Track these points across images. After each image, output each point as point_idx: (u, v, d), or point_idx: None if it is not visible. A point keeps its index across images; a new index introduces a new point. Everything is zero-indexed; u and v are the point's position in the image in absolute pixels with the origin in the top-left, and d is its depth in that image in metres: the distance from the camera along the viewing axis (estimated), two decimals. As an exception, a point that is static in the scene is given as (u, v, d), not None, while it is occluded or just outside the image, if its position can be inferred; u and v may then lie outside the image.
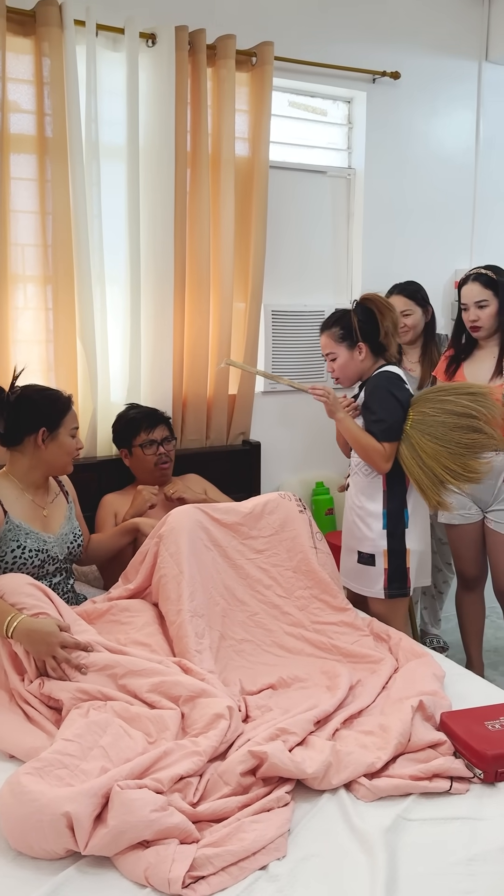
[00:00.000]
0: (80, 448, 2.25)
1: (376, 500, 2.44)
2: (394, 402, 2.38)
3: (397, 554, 2.44)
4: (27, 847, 1.34)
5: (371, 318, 2.43)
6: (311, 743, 1.64)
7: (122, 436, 2.68)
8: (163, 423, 2.68)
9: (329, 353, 2.49)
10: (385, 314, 2.43)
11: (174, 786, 1.47)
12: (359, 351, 2.44)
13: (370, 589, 2.48)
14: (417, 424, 2.38)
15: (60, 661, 1.75)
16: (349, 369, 2.47)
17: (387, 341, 2.45)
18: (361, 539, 2.47)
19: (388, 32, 3.28)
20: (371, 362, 2.48)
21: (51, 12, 2.47)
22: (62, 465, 2.22)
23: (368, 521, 2.45)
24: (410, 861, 1.35)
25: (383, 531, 2.43)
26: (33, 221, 2.62)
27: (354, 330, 2.42)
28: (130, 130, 2.67)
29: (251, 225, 2.98)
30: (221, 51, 2.80)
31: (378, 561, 2.45)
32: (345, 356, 2.46)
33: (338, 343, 2.46)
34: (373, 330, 2.43)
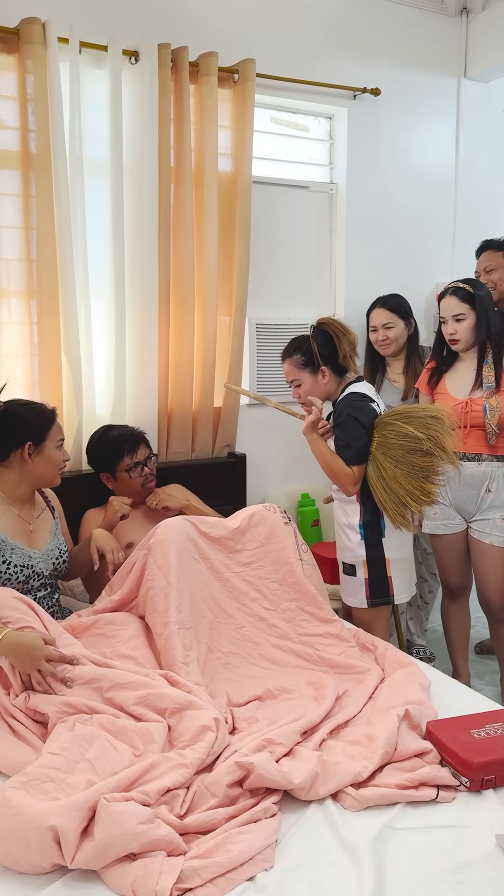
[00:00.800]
0: (66, 460, 2.25)
1: (353, 512, 2.49)
2: (358, 427, 2.41)
3: (376, 563, 2.48)
4: (13, 861, 1.33)
5: (329, 341, 2.48)
6: (297, 753, 1.64)
7: (104, 460, 2.63)
8: (142, 442, 2.67)
9: (293, 379, 2.54)
10: (342, 337, 2.48)
11: (161, 798, 1.46)
12: (322, 375, 2.49)
13: (354, 598, 2.52)
14: (380, 447, 2.42)
15: (46, 674, 1.74)
16: (315, 393, 2.52)
17: (346, 363, 2.51)
18: (344, 550, 2.54)
19: (369, 50, 3.33)
20: (336, 383, 2.53)
21: (34, 30, 2.49)
22: (50, 478, 2.22)
23: (348, 533, 2.51)
24: (397, 869, 1.36)
25: (361, 542, 2.48)
26: (18, 236, 2.63)
27: (315, 355, 2.47)
28: (114, 146, 2.69)
29: (235, 239, 3.00)
30: (204, 68, 2.83)
31: (359, 571, 2.49)
32: (309, 381, 2.51)
33: (301, 370, 2.50)
34: (332, 353, 2.48)
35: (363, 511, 2.47)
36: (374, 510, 2.47)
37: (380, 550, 2.48)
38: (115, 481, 2.64)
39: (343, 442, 2.44)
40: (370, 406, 2.46)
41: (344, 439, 2.43)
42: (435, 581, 3.33)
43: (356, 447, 2.41)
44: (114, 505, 2.46)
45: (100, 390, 2.86)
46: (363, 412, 2.43)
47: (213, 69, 2.83)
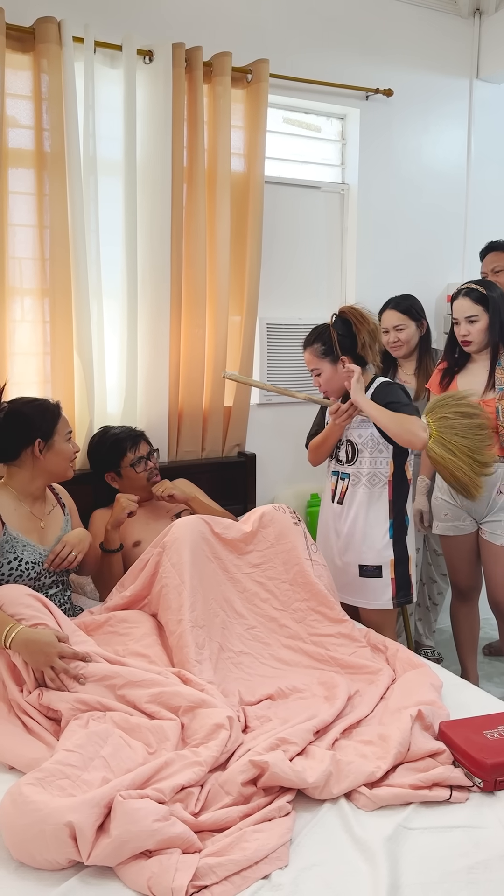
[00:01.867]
0: (76, 451, 2.25)
1: (382, 510, 2.46)
2: (405, 395, 2.44)
3: (402, 561, 2.49)
4: (29, 857, 1.34)
5: (349, 330, 2.45)
6: (310, 753, 1.64)
7: (108, 459, 2.62)
8: (142, 438, 2.66)
9: (314, 368, 2.52)
10: (360, 326, 2.44)
11: (176, 796, 1.47)
12: (342, 364, 2.46)
13: (376, 601, 2.48)
14: (443, 428, 2.42)
15: (59, 671, 1.75)
16: (334, 383, 2.49)
17: (364, 352, 2.46)
18: (366, 552, 2.47)
19: (382, 50, 3.33)
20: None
21: (50, 29, 2.50)
22: (62, 471, 2.22)
23: (373, 533, 2.46)
24: (411, 869, 1.36)
25: (389, 540, 2.46)
26: (31, 235, 2.64)
27: (334, 344, 2.45)
28: (128, 146, 2.70)
29: (247, 239, 3.01)
30: (217, 68, 2.84)
31: (385, 571, 2.47)
32: (329, 371, 2.48)
33: (321, 359, 2.48)
34: (352, 342, 2.46)
35: (393, 507, 2.46)
36: (403, 505, 2.48)
37: (405, 548, 2.50)
38: (121, 479, 2.63)
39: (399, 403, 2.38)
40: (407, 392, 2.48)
41: (403, 400, 2.40)
42: (444, 582, 3.33)
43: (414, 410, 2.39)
44: (121, 502, 2.45)
45: (111, 389, 2.87)
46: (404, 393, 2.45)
47: (227, 69, 2.83)
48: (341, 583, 2.51)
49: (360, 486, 2.49)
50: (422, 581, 3.38)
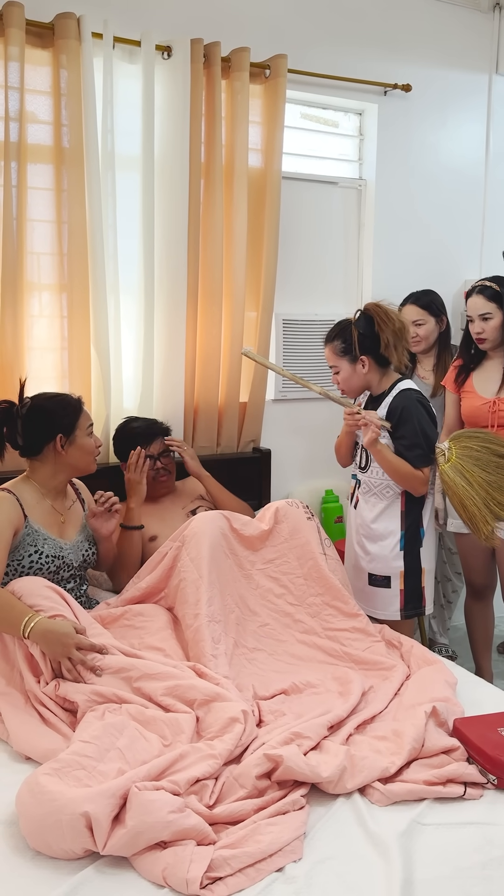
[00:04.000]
0: (99, 445, 2.26)
1: (393, 520, 2.43)
2: (427, 425, 2.37)
3: (413, 573, 2.44)
4: (46, 846, 1.35)
5: (372, 329, 2.37)
6: (325, 747, 1.65)
7: (122, 451, 2.67)
8: (161, 435, 2.67)
9: (332, 365, 2.46)
10: (384, 326, 2.34)
11: (190, 788, 1.48)
12: (361, 364, 2.40)
13: (384, 611, 2.46)
14: (464, 457, 2.38)
15: (76, 662, 1.77)
16: (352, 382, 2.44)
17: (388, 353, 2.36)
18: (373, 560, 2.45)
19: (400, 46, 3.32)
20: (378, 375, 2.44)
21: (69, 25, 2.51)
22: (85, 465, 2.23)
23: (382, 543, 2.43)
24: (425, 865, 1.36)
25: (400, 552, 2.43)
26: (50, 230, 2.66)
27: (354, 344, 2.37)
28: (146, 141, 2.70)
29: (263, 235, 3.01)
30: (236, 63, 2.84)
31: (394, 582, 2.44)
32: (347, 370, 2.42)
33: (339, 357, 2.42)
34: (374, 342, 2.37)
35: (405, 518, 2.42)
36: (417, 516, 2.43)
37: (418, 561, 2.44)
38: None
39: (409, 441, 2.34)
40: (429, 404, 2.43)
41: (412, 439, 2.34)
42: (459, 580, 3.33)
43: (425, 447, 2.34)
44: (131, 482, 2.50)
45: (127, 384, 2.88)
46: (429, 411, 2.40)
47: (245, 64, 2.83)
48: (355, 587, 2.48)
49: (371, 494, 2.45)
50: (436, 579, 3.37)
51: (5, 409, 2.15)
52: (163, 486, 2.67)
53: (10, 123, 2.47)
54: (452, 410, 2.88)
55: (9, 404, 2.16)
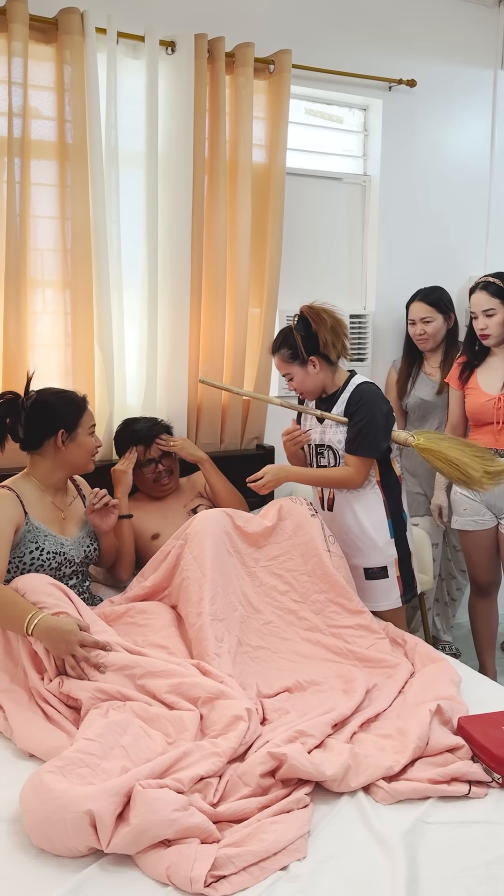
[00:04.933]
0: (98, 446, 2.27)
1: (377, 510, 2.44)
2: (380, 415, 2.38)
3: (405, 558, 2.48)
4: (49, 844, 1.35)
5: (311, 330, 2.38)
6: (329, 746, 1.65)
7: (122, 451, 2.67)
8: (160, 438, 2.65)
9: (285, 373, 2.47)
10: (318, 325, 2.36)
11: (194, 786, 1.48)
12: (312, 365, 2.41)
13: (385, 601, 2.46)
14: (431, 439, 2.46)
15: (79, 659, 1.76)
16: (308, 385, 2.45)
17: (327, 351, 2.38)
18: (367, 554, 2.45)
19: (405, 40, 3.30)
20: (330, 373, 2.45)
21: (73, 20, 2.50)
22: (83, 464, 2.24)
23: (374, 534, 2.43)
24: (430, 864, 1.36)
25: (391, 539, 2.44)
26: (53, 226, 2.65)
27: (299, 347, 2.39)
28: (149, 137, 2.69)
29: (267, 231, 3.00)
30: (240, 58, 2.82)
31: (391, 571, 2.45)
32: (300, 374, 2.43)
33: (290, 363, 2.43)
34: (316, 343, 2.38)
35: (388, 506, 2.44)
36: (398, 502, 2.46)
37: (406, 544, 2.48)
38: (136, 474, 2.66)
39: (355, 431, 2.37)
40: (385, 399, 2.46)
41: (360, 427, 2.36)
42: (463, 578, 3.32)
43: (371, 437, 2.36)
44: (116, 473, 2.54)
45: (131, 380, 2.88)
46: (384, 402, 2.43)
47: (250, 60, 2.82)
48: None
49: (347, 491, 2.44)
50: (440, 577, 3.36)
51: (10, 400, 2.15)
52: (165, 488, 2.66)
53: (13, 119, 2.46)
54: (457, 407, 2.87)
55: (14, 396, 2.16)
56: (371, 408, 2.37)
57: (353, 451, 2.38)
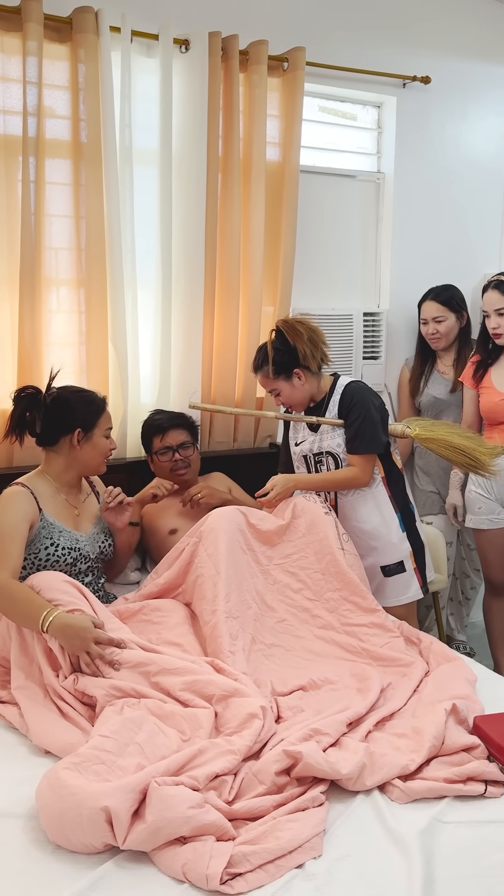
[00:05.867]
0: (113, 448, 2.27)
1: (385, 507, 2.44)
2: (374, 412, 2.39)
3: (419, 550, 2.50)
4: (66, 841, 1.35)
5: (289, 344, 2.38)
6: (344, 744, 1.64)
7: (143, 442, 2.71)
8: (181, 428, 2.66)
9: (271, 390, 2.47)
10: (294, 339, 2.36)
11: (209, 784, 1.47)
12: (297, 377, 2.41)
13: (405, 595, 2.47)
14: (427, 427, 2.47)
15: (94, 656, 1.77)
16: (296, 397, 2.45)
17: (307, 362, 2.38)
18: (383, 552, 2.44)
19: (419, 37, 3.29)
20: (315, 381, 2.45)
21: (87, 19, 2.50)
22: (96, 466, 2.25)
23: (385, 532, 2.43)
24: (447, 863, 1.35)
25: (403, 534, 2.45)
26: (67, 225, 2.66)
27: (280, 363, 2.39)
28: (163, 135, 2.69)
29: (281, 229, 3.00)
30: (254, 56, 2.82)
31: (407, 564, 2.47)
32: (287, 388, 2.43)
33: (274, 380, 2.43)
34: (293, 357, 2.38)
35: (395, 502, 2.44)
36: (404, 495, 2.47)
37: (418, 536, 2.50)
38: (153, 463, 2.69)
39: (354, 430, 2.37)
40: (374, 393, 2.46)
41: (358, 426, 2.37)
42: (478, 577, 3.30)
43: (369, 435, 2.36)
44: (154, 483, 2.51)
45: (145, 379, 2.88)
46: (376, 396, 2.43)
47: (263, 58, 2.82)
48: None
49: (353, 493, 2.44)
50: (455, 576, 3.35)
51: (32, 394, 2.17)
52: (181, 479, 2.66)
53: (28, 118, 2.47)
54: (471, 406, 2.86)
55: (35, 390, 2.18)
56: (364, 405, 2.39)
57: (355, 451, 2.39)
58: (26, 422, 2.17)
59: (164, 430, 2.63)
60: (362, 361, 3.40)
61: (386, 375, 3.47)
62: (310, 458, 2.51)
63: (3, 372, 2.64)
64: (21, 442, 2.19)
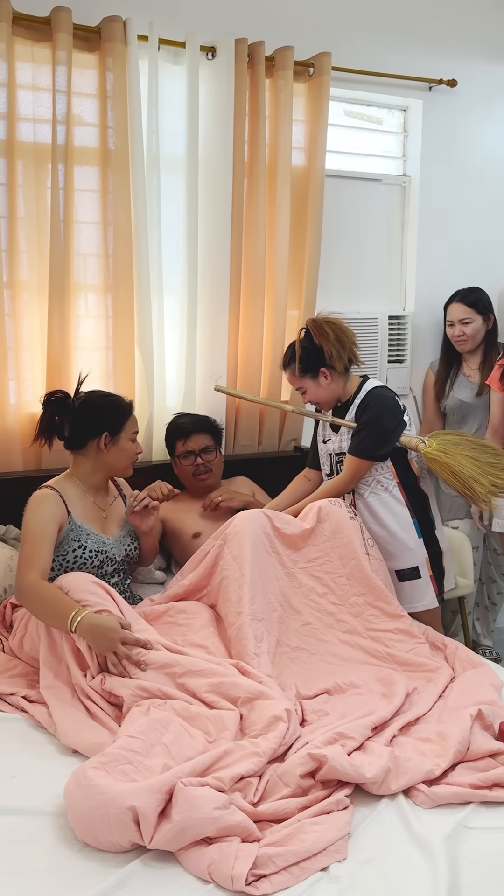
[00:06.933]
0: (139, 452, 2.30)
1: (401, 513, 2.42)
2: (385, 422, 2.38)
3: (436, 557, 2.46)
4: (93, 839, 1.37)
5: (315, 344, 2.39)
6: (368, 748, 1.64)
7: (167, 445, 2.74)
8: (203, 432, 2.68)
9: (298, 387, 2.49)
10: (321, 338, 2.37)
11: (235, 785, 1.48)
12: (324, 377, 2.41)
13: (421, 602, 2.45)
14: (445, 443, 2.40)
15: (121, 657, 1.79)
16: (321, 396, 2.46)
17: (333, 362, 2.39)
18: (398, 556, 2.43)
19: (445, 40, 3.28)
20: (342, 382, 2.45)
21: (115, 28, 2.54)
22: (122, 469, 2.27)
23: (401, 536, 2.41)
24: (472, 869, 1.34)
25: (419, 539, 2.43)
26: (95, 232, 2.69)
27: (307, 361, 2.40)
28: (190, 142, 2.72)
29: (306, 233, 3.00)
30: (279, 62, 2.84)
31: (423, 571, 2.44)
32: (312, 386, 2.44)
33: (300, 378, 2.44)
34: (320, 356, 2.39)
35: (411, 506, 2.41)
36: (422, 501, 2.44)
37: (437, 543, 2.46)
38: (177, 467, 2.71)
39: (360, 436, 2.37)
40: (397, 400, 2.44)
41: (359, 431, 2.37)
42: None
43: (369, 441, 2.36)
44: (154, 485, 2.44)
45: (171, 383, 2.91)
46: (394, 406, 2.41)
47: (289, 63, 2.83)
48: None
49: (369, 495, 2.43)
50: (481, 580, 3.33)
51: (61, 398, 2.20)
52: (203, 483, 2.67)
53: (57, 126, 2.50)
54: (498, 409, 2.84)
55: (64, 395, 2.21)
56: (377, 412, 2.37)
57: (350, 451, 2.40)
58: (55, 426, 2.20)
59: (187, 434, 2.65)
60: (387, 365, 3.40)
61: (411, 379, 3.46)
62: (332, 457, 2.52)
63: (32, 376, 2.68)
64: (50, 445, 2.23)
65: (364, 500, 2.44)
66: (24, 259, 2.59)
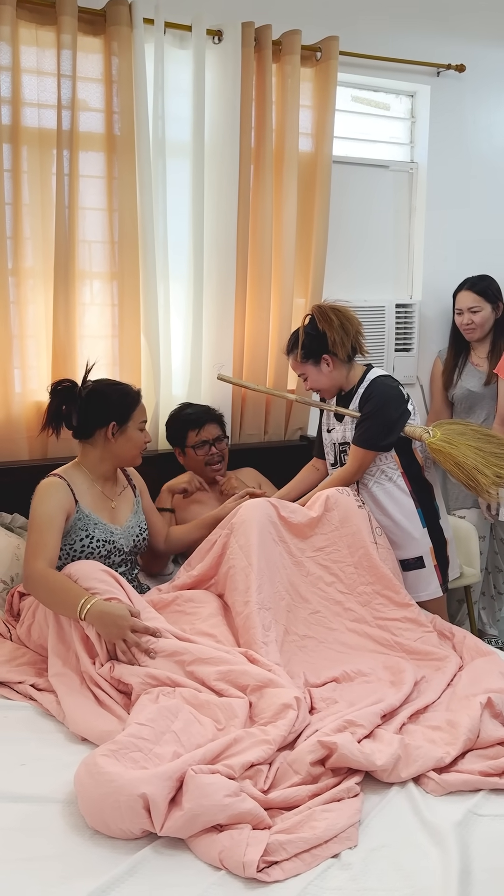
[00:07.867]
0: (147, 441, 2.29)
1: (405, 502, 2.40)
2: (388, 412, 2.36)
3: (440, 546, 2.45)
4: (104, 826, 1.37)
5: (320, 330, 2.38)
6: (378, 736, 1.64)
7: (174, 435, 2.71)
8: (214, 422, 2.68)
9: (300, 374, 2.47)
10: (325, 325, 2.36)
11: (245, 773, 1.48)
12: (326, 364, 2.40)
13: (425, 591, 2.44)
14: (449, 433, 2.38)
15: (130, 644, 1.79)
16: (322, 383, 2.44)
17: (336, 349, 2.37)
18: (402, 546, 2.41)
19: (454, 25, 3.24)
20: (345, 370, 2.44)
21: (121, 11, 2.51)
22: (131, 458, 2.26)
23: (405, 525, 2.40)
24: (483, 856, 1.34)
25: (424, 529, 2.42)
26: (101, 218, 2.67)
27: (310, 347, 2.38)
28: (196, 127, 2.70)
29: (313, 220, 2.98)
30: (287, 46, 2.81)
31: (427, 560, 2.43)
32: (314, 373, 2.43)
33: (302, 364, 2.43)
34: (323, 343, 2.37)
35: (416, 496, 2.40)
36: (427, 491, 2.43)
37: (441, 533, 2.45)
38: (185, 457, 2.69)
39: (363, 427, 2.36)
40: (400, 389, 2.42)
41: (361, 421, 2.36)
42: (510, 570, 3.27)
43: (371, 432, 2.34)
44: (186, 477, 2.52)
45: (177, 371, 2.90)
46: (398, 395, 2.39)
47: (297, 48, 2.80)
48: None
49: (373, 485, 2.42)
50: (487, 570, 3.32)
51: (68, 387, 2.19)
52: (216, 472, 2.67)
53: (62, 111, 2.48)
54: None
55: (72, 384, 2.20)
56: (380, 402, 2.36)
57: (354, 441, 2.39)
58: (63, 415, 2.19)
59: (201, 425, 2.64)
60: (394, 354, 3.38)
61: (418, 368, 3.44)
62: (335, 446, 2.51)
63: (37, 364, 2.67)
64: (58, 435, 2.22)
65: (368, 490, 2.42)
66: (29, 246, 2.57)
